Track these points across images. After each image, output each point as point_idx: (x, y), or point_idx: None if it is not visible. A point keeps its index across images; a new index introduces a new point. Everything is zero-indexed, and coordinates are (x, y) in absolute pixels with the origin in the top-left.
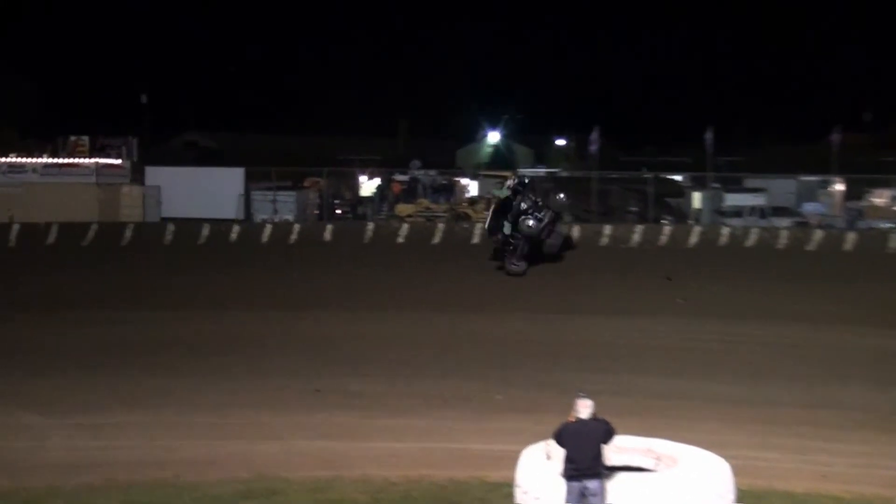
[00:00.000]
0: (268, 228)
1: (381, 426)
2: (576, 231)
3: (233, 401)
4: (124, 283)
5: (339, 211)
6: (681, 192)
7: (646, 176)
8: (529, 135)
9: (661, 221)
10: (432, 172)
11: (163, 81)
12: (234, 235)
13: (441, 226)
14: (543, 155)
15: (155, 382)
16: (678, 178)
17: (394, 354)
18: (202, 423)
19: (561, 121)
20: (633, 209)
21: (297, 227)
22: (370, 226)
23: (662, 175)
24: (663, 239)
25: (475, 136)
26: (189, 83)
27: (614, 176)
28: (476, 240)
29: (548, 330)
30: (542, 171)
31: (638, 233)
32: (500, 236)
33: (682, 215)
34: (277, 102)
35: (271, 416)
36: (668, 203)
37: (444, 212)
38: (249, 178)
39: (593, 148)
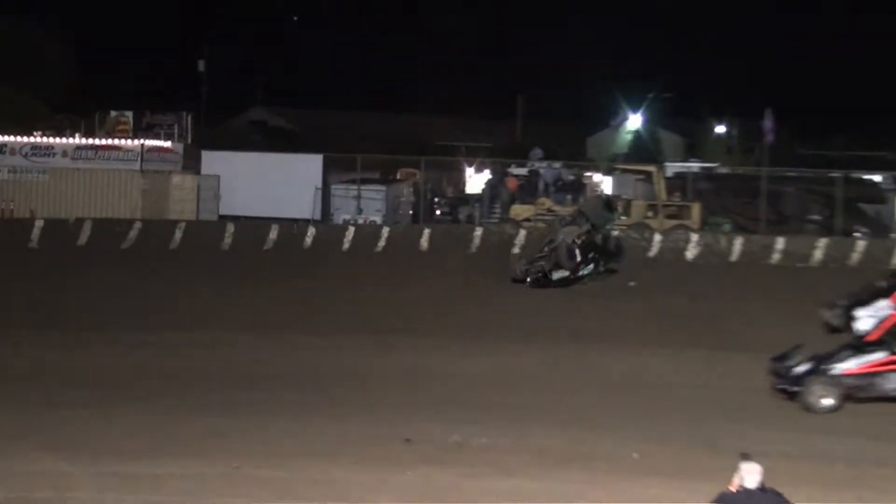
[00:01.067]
0: (350, 232)
1: (489, 488)
2: (738, 244)
3: (300, 448)
4: (170, 296)
5: (438, 212)
6: (881, 196)
7: (833, 175)
8: (680, 119)
9: (854, 234)
10: (557, 165)
11: (224, 46)
12: (308, 240)
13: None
14: (697, 145)
15: (205, 422)
16: (877, 178)
17: (498, 397)
18: (262, 476)
19: (721, 101)
20: (816, 217)
21: (385, 230)
22: (478, 231)
23: (855, 174)
24: (855, 257)
25: (611, 120)
26: (256, 49)
27: (791, 174)
28: None
29: (691, 370)
30: (694, 165)
31: (821, 248)
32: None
33: (881, 227)
34: (363, 73)
35: (349, 471)
36: (863, 210)
37: (571, 214)
38: (329, 168)
39: (768, 137)
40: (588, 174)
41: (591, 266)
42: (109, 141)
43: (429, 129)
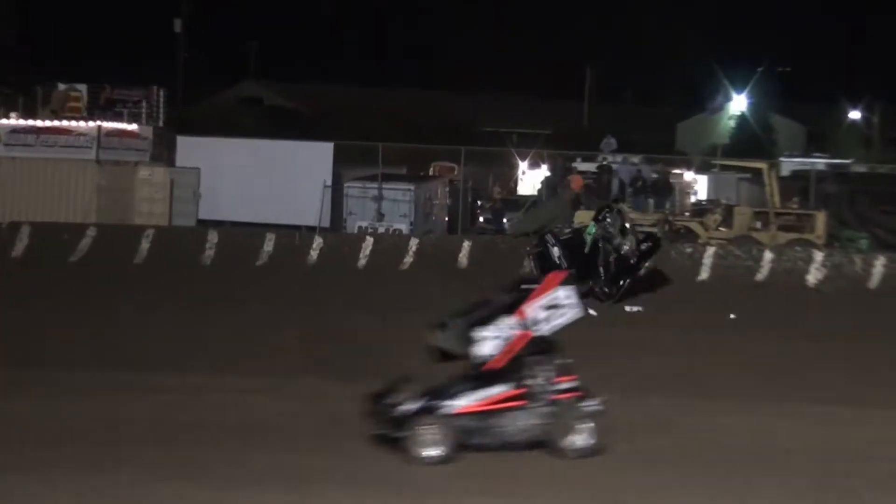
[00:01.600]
0: (368, 244)
1: None
2: (879, 266)
3: None
4: (132, 326)
5: (482, 219)
6: None
7: None
8: (800, 101)
9: None
10: (636, 160)
11: (208, 1)
12: (313, 254)
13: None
14: (823, 135)
15: (166, 490)
16: None
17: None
18: None
19: (857, 79)
20: None
21: (413, 243)
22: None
23: None
24: None
25: (708, 102)
26: (248, 5)
27: None
28: (705, 275)
29: (839, 435)
30: (819, 161)
31: None
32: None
33: None
34: (386, 38)
35: None
36: None
37: (654, 224)
38: (341, 160)
39: None
40: (677, 171)
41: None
42: (56, 122)
43: (470, 112)
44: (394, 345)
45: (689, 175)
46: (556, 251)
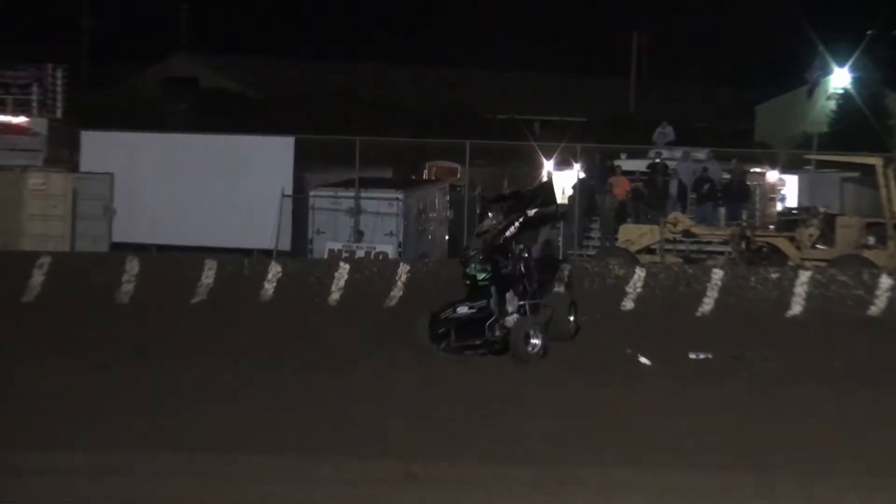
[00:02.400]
0: (342, 273)
1: None
2: None
3: None
4: (14, 388)
5: None
6: None
7: None
8: None
9: None
10: (700, 155)
11: None
12: (268, 288)
13: (719, 275)
14: None
15: None
16: None
17: None
18: None
19: None
20: None
21: (403, 270)
22: (563, 271)
23: None
24: None
25: (808, 75)
26: None
27: None
28: (796, 309)
29: None
30: None
31: None
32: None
33: None
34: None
35: None
36: None
37: (726, 240)
38: (305, 160)
39: None
40: (757, 170)
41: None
42: None
43: (478, 94)
44: (386, 416)
45: (773, 175)
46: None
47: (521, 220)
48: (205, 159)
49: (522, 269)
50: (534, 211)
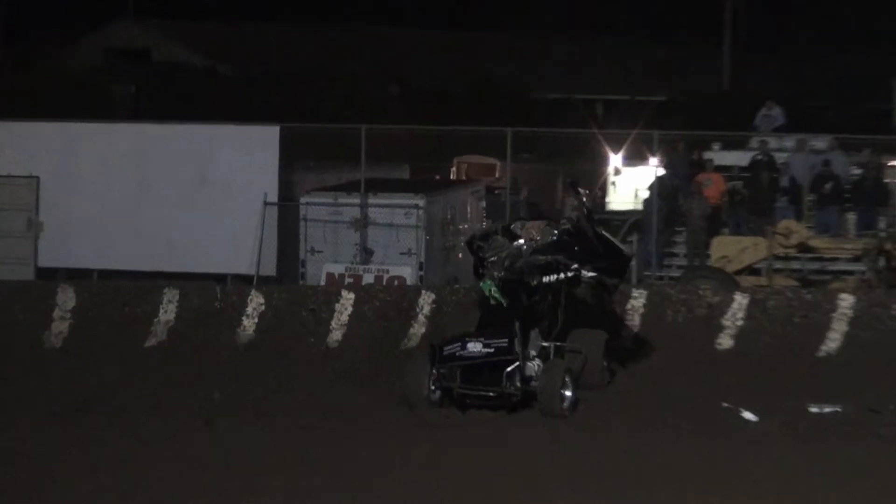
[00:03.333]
0: (345, 304)
1: None
2: None
3: None
4: None
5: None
6: None
7: None
8: None
9: None
10: (821, 144)
11: None
12: (247, 326)
13: (849, 302)
14: None
15: None
16: None
17: None
18: None
19: None
20: None
21: (426, 299)
22: (636, 299)
23: None
24: None
25: None
26: None
27: None
28: None
29: None
30: None
31: None
32: None
33: None
34: None
35: None
36: None
37: (858, 256)
38: (294, 157)
39: None
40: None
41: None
42: None
43: (521, 68)
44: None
45: None
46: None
47: (567, 275)
48: (161, 156)
49: (554, 301)
50: (590, 275)
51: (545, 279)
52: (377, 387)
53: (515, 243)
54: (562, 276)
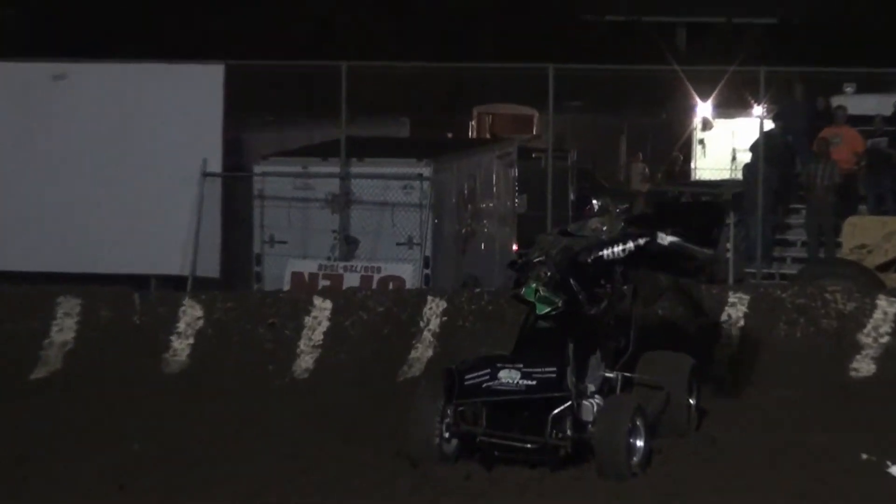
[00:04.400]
0: (318, 317)
1: None
2: None
3: None
4: None
5: (613, 250)
6: None
7: None
8: None
9: None
10: None
11: None
12: (177, 349)
13: None
14: None
15: None
16: None
17: None
18: None
19: None
20: None
21: (436, 308)
22: (734, 306)
23: None
24: None
25: None
26: None
27: None
28: None
29: None
30: None
31: None
32: None
33: None
34: None
35: None
36: None
37: None
38: (246, 108)
39: None
40: None
41: None
42: None
43: None
44: None
45: None
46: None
47: (642, 243)
48: (52, 108)
49: (623, 313)
50: (670, 240)
51: (604, 252)
52: (364, 434)
53: (586, 221)
54: (630, 245)
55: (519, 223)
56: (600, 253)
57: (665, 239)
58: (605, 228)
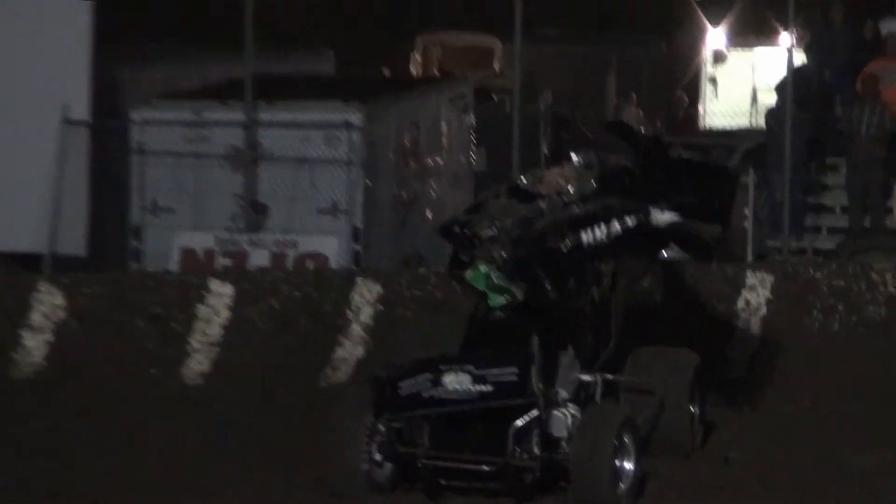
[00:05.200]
0: (216, 305)
1: None
2: None
3: None
4: None
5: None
6: None
7: None
8: None
9: None
10: None
11: None
12: (30, 347)
13: None
14: None
15: None
16: None
17: None
18: None
19: None
20: None
21: (368, 294)
22: (759, 290)
23: None
24: None
25: None
26: None
27: None
28: None
29: None
30: None
31: None
32: None
33: None
34: None
35: None
36: None
37: None
38: (121, 40)
39: None
40: None
41: None
42: None
43: None
44: None
45: None
46: None
47: (631, 224)
48: None
49: (602, 297)
50: (668, 219)
51: (584, 237)
52: (274, 458)
53: (531, 205)
54: (617, 227)
55: (476, 185)
56: (581, 237)
57: (661, 217)
58: (569, 187)
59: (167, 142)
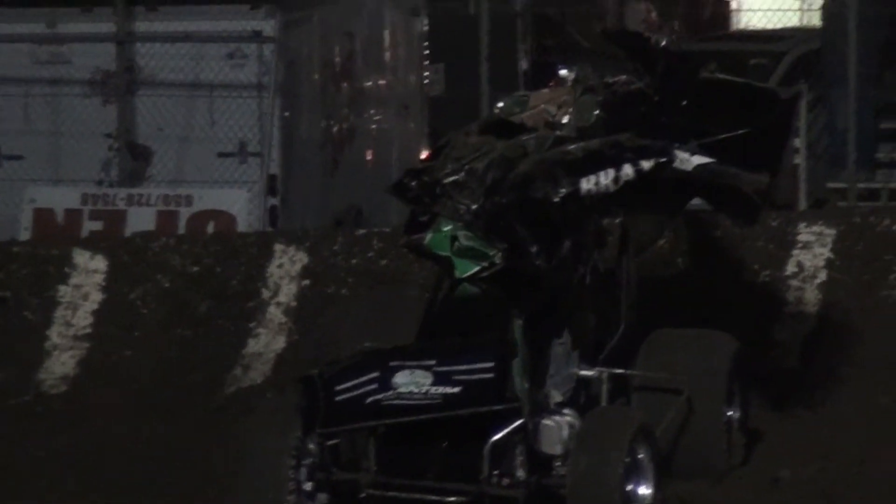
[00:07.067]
0: (81, 286)
1: None
2: None
3: None
4: None
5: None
6: None
7: None
8: None
9: None
10: None
11: None
12: None
13: None
14: None
15: None
16: None
17: None
18: None
19: None
20: None
21: (291, 265)
22: (815, 247)
23: None
24: None
25: None
26: None
27: None
28: None
29: None
30: None
31: None
32: None
33: None
34: None
35: None
36: None
37: None
38: None
39: None
40: None
41: None
42: None
43: None
44: None
45: None
46: None
47: (648, 167)
48: None
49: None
50: (699, 162)
51: (584, 184)
52: (165, 489)
53: (511, 142)
54: (628, 172)
55: (432, 113)
56: (580, 186)
57: (688, 160)
58: (563, 117)
59: (11, 65)
